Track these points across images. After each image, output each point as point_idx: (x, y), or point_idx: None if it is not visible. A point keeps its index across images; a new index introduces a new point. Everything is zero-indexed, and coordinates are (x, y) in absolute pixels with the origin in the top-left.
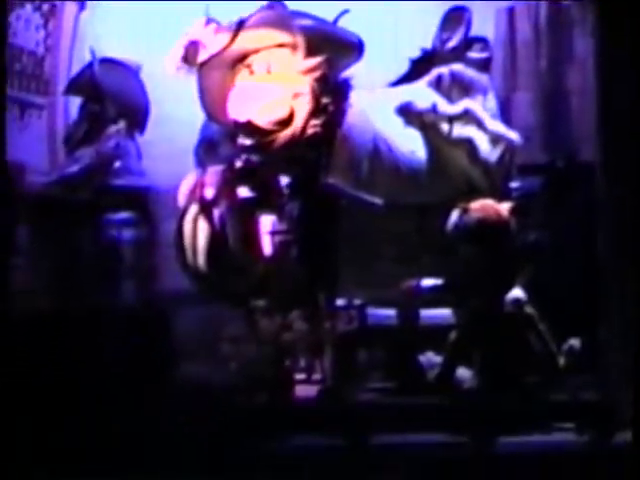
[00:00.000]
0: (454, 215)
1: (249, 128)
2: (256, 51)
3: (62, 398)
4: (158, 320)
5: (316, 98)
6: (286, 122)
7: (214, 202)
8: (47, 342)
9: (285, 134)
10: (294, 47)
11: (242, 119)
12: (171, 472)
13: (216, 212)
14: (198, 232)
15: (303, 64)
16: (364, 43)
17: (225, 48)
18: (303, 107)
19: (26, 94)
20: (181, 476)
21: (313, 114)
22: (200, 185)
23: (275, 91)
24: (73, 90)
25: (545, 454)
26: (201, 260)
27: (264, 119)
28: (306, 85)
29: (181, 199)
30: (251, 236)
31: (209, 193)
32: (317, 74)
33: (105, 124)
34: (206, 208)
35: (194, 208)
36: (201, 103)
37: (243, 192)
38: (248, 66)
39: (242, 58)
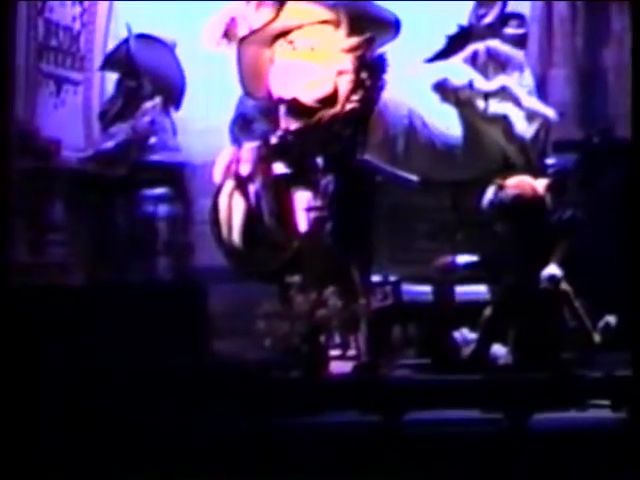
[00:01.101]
0: (489, 192)
1: (294, 105)
2: (299, 27)
3: (92, 373)
4: (193, 296)
5: (357, 76)
6: (330, 100)
7: (250, 178)
8: (80, 316)
9: (329, 112)
10: (337, 24)
11: (287, 96)
12: (202, 446)
13: (251, 188)
14: (233, 208)
15: (347, 42)
16: (400, 21)
17: (269, 23)
18: (346, 85)
19: (62, 70)
20: (216, 448)
21: (353, 91)
22: (236, 161)
23: (319, 69)
24: (109, 66)
25: (580, 431)
26: (236, 236)
27: (309, 97)
28: (349, 63)
29: (217, 175)
30: (286, 212)
31: (245, 169)
32: (359, 52)
33: (141, 100)
34: (241, 184)
35: (229, 184)
36: (239, 78)
37: (279, 168)
38: (290, 42)
39: (284, 34)
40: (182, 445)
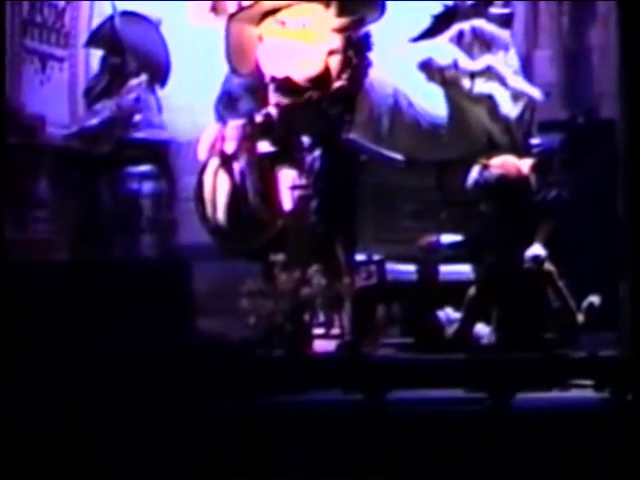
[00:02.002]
0: (474, 171)
1: (286, 84)
2: (289, 5)
3: (76, 350)
4: (177, 274)
5: (345, 55)
6: (321, 79)
7: (234, 156)
8: (65, 293)
9: (318, 91)
10: (327, 3)
11: (279, 75)
12: (186, 423)
13: (236, 166)
14: (218, 186)
15: (337, 22)
16: (386, 2)
17: (259, 0)
18: (335, 64)
19: (47, 46)
20: (198, 426)
21: (342, 71)
22: (220, 139)
23: (311, 48)
24: (94, 43)
25: (563, 411)
26: (221, 214)
27: (301, 76)
28: (338, 42)
29: (201, 153)
30: (271, 191)
31: (229, 147)
32: (349, 33)
33: (126, 77)
34: (226, 162)
35: (214, 162)
36: (226, 55)
37: (263, 147)
38: (281, 20)
39: (273, 11)
40: (165, 423)
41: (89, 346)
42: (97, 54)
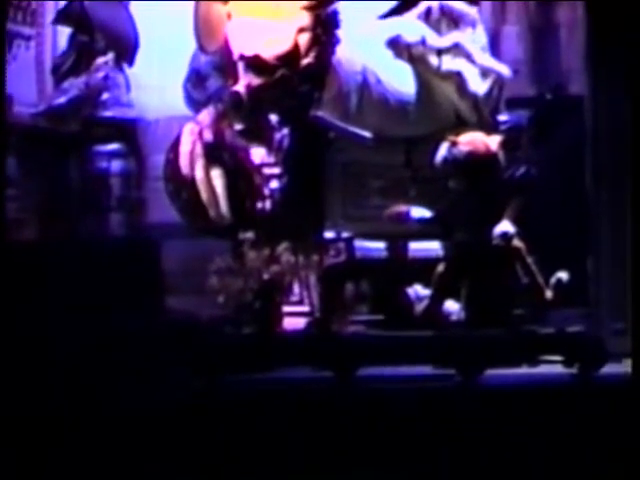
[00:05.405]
0: (443, 148)
1: (256, 62)
2: None
3: (45, 329)
4: (145, 252)
5: (314, 32)
6: (290, 57)
7: (217, 142)
8: (32, 273)
9: (289, 69)
10: None
11: (249, 53)
12: (154, 401)
13: (225, 153)
14: (213, 178)
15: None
16: None
17: None
18: (305, 42)
19: (13, 24)
20: (166, 405)
21: (311, 48)
22: (199, 133)
23: (280, 26)
24: (62, 20)
25: (532, 387)
26: (224, 207)
27: (270, 53)
28: (308, 20)
29: (185, 146)
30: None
31: (209, 134)
32: (318, 10)
33: (94, 55)
34: (213, 150)
35: (200, 155)
36: (195, 32)
37: (234, 125)
38: None
39: None
40: (133, 403)
41: (57, 326)
42: (65, 32)
